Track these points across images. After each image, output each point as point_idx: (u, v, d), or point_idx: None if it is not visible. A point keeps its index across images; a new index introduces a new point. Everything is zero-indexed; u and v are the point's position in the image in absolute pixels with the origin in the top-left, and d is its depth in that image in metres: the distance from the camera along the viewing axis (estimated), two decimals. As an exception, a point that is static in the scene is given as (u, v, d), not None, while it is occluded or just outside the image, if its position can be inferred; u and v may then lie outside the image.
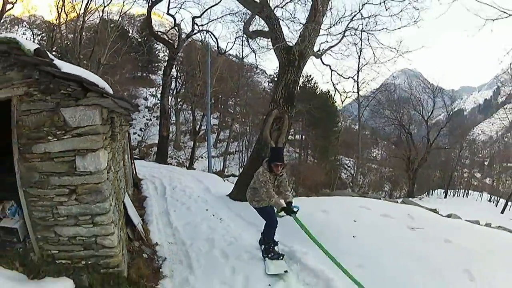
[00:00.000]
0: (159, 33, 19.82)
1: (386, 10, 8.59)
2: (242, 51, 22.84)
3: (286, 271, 4.42)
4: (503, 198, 27.06)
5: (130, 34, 34.02)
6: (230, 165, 29.85)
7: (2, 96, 3.64)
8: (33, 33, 30.70)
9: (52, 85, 3.39)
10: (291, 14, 10.26)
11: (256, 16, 9.16)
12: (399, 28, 9.47)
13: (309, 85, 35.92)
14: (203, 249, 4.94)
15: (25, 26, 33.28)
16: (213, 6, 17.31)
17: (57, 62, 3.54)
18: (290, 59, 7.40)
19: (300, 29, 8.00)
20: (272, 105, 7.65)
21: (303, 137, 37.59)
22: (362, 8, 8.97)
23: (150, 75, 42.75)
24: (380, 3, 8.68)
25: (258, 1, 8.13)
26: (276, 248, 4.94)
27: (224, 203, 7.78)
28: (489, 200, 30.98)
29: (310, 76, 35.85)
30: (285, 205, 4.57)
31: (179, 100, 29.31)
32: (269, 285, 3.99)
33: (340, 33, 8.59)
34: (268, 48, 9.65)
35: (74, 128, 3.33)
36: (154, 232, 5.75)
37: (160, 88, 36.18)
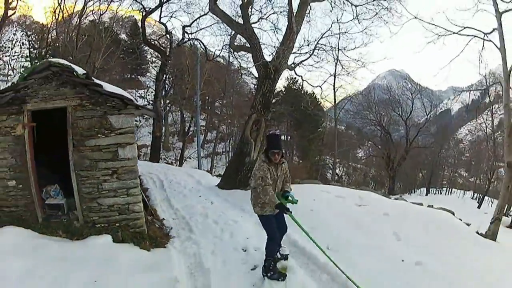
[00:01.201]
0: (151, 40, 21.47)
1: (359, 22, 10.76)
2: (229, 57, 24.56)
3: None
4: (489, 196, 28.49)
5: (120, 37, 35.36)
6: (217, 165, 31.53)
7: (58, 105, 5.40)
8: (26, 34, 31.43)
9: (100, 100, 5.17)
10: (273, 24, 12.21)
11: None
12: (365, 45, 11.55)
13: (294, 87, 37.86)
14: (199, 220, 6.73)
15: (15, 27, 33.94)
16: (201, 16, 19.01)
17: (102, 83, 5.31)
18: (267, 72, 9.31)
19: (276, 47, 9.93)
20: (252, 110, 9.57)
21: (288, 137, 39.45)
22: (331, 27, 11.01)
23: (138, 77, 43.93)
24: (348, 21, 10.82)
25: (242, 23, 10.02)
26: (285, 263, 4.87)
27: (213, 191, 9.61)
28: (473, 198, 32.70)
29: (295, 78, 37.89)
30: (278, 202, 4.49)
31: (167, 102, 30.90)
32: (247, 238, 5.71)
33: (310, 50, 10.50)
34: (250, 61, 11.52)
35: (118, 129, 5.14)
36: (160, 212, 7.48)
37: (148, 90, 37.73)
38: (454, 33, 10.16)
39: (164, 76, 21.50)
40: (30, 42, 30.37)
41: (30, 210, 5.59)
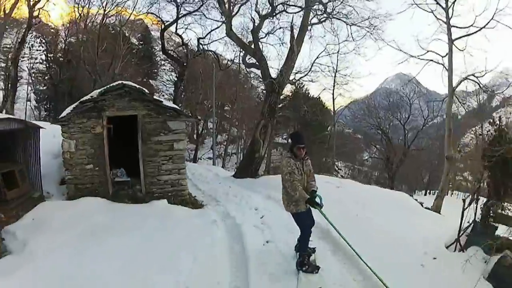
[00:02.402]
0: (169, 51, 24.47)
1: (353, 39, 13.68)
2: (240, 66, 27.37)
3: None
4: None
5: (132, 42, 38.31)
6: (227, 166, 34.40)
7: (130, 114, 8.31)
8: (43, 38, 33.57)
9: (161, 110, 8.09)
10: (279, 38, 15.23)
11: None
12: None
13: (301, 91, 40.61)
14: (222, 196, 9.61)
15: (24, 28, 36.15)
16: (215, 29, 21.85)
17: (161, 99, 8.23)
18: (272, 88, 12.24)
19: (280, 67, 12.86)
20: (261, 117, 12.49)
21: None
22: (325, 49, 13.90)
23: (150, 80, 47.01)
24: (343, 41, 13.83)
25: (253, 47, 12.96)
26: (313, 256, 5.22)
27: (229, 180, 12.54)
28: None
29: (301, 83, 40.62)
30: (308, 197, 4.75)
31: (180, 106, 33.85)
32: (256, 209, 8.46)
33: (308, 68, 13.44)
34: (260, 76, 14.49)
35: (173, 130, 8.08)
36: (192, 193, 10.35)
37: (160, 93, 40.77)
38: (415, 56, 13.15)
39: (182, 84, 24.38)
40: (45, 45, 32.67)
41: (103, 186, 8.46)
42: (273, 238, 5.95)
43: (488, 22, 11.40)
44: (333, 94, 27.37)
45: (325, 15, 14.20)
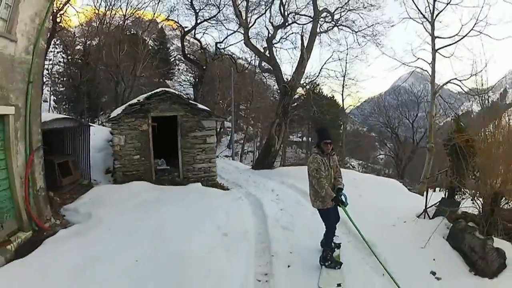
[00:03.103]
0: (189, 55, 26.77)
1: (359, 44, 15.81)
2: (255, 68, 29.54)
3: (339, 285, 4.70)
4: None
5: (147, 42, 40.16)
6: (244, 163, 36.58)
7: (171, 114, 10.61)
8: (62, 41, 34.91)
9: (196, 112, 10.36)
10: (292, 43, 17.41)
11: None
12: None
13: (314, 91, 42.48)
14: (244, 182, 11.87)
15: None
16: (231, 34, 23.53)
17: (195, 103, 10.51)
18: (285, 91, 14.38)
19: (292, 71, 15.02)
20: (275, 117, 14.65)
21: (310, 139, 44.16)
22: (331, 56, 16.02)
23: (166, 80, 49.25)
24: (347, 49, 16.03)
25: (268, 55, 15.14)
26: (337, 251, 5.52)
27: (249, 171, 14.80)
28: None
29: (316, 83, 42.51)
30: (334, 195, 4.94)
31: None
32: (272, 190, 10.62)
33: (316, 74, 15.57)
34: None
35: (206, 127, 10.41)
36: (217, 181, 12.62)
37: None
38: (406, 64, 15.33)
39: (201, 86, 26.61)
40: (63, 47, 33.61)
41: (147, 172, 10.76)
42: (285, 207, 8.13)
43: (467, 33, 13.57)
44: (342, 95, 29.20)
45: (332, 22, 16.31)
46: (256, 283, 4.82)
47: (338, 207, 5.12)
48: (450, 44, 13.87)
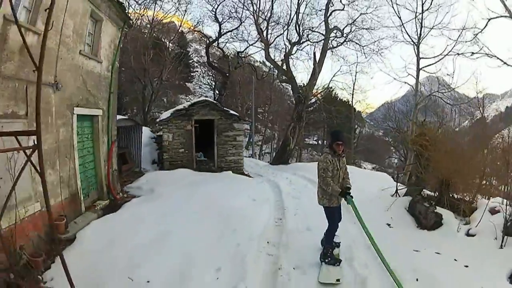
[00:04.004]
0: (213, 62, 30.23)
1: (365, 57, 19.19)
2: (273, 74, 32.83)
3: (338, 280, 5.06)
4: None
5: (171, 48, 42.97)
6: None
7: (209, 118, 14.20)
8: None
9: (228, 116, 13.96)
10: (307, 53, 20.83)
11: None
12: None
13: (331, 95, 45.21)
14: (264, 173, 15.41)
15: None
16: (252, 44, 25.88)
17: (226, 109, 14.08)
18: (299, 99, 17.80)
19: (306, 82, 18.47)
20: (291, 121, 18.12)
21: (325, 142, 47.08)
22: (339, 69, 19.44)
23: (186, 83, 51.99)
24: (354, 63, 19.46)
25: (285, 69, 18.62)
26: (337, 250, 5.92)
27: (268, 166, 18.36)
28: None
29: (331, 87, 45.46)
30: (340, 190, 5.38)
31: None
32: (286, 178, 14.00)
33: (326, 84, 18.98)
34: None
35: (236, 129, 14.04)
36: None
37: (195, 95, 46.20)
38: (396, 79, 18.73)
39: (224, 91, 29.90)
40: None
41: (189, 162, 14.38)
42: (295, 187, 11.57)
43: (446, 54, 16.83)
44: (352, 103, 32.39)
45: (342, 38, 19.61)
46: (274, 223, 8.21)
47: (345, 203, 5.65)
48: (430, 64, 17.30)
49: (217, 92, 38.78)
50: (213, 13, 23.63)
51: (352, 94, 31.11)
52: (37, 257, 5.45)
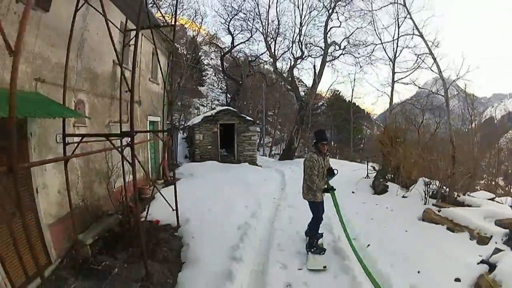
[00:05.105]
0: (227, 70, 34.64)
1: (360, 67, 23.68)
2: (281, 83, 37.23)
3: (325, 267, 5.64)
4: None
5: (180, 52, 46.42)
6: (271, 162, 44.42)
7: (231, 122, 19.00)
8: None
9: (245, 121, 18.75)
10: (311, 63, 25.50)
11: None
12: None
13: (339, 97, 48.47)
14: (273, 165, 19.99)
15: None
16: (262, 54, 30.35)
17: (246, 116, 18.88)
18: (302, 105, 22.48)
19: (307, 90, 23.16)
20: (295, 123, 22.84)
21: (332, 142, 51.03)
22: (335, 80, 24.11)
23: (198, 87, 53.48)
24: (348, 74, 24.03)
25: (290, 79, 23.37)
26: (320, 240, 6.45)
27: (276, 161, 23.11)
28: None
29: (338, 91, 49.06)
30: (324, 187, 6.02)
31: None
32: (290, 168, 18.62)
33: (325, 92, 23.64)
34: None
35: (252, 130, 18.79)
36: (255, 165, 20.82)
37: (207, 99, 50.03)
38: (378, 90, 23.32)
39: (238, 96, 34.25)
40: None
41: (216, 156, 19.06)
42: (295, 174, 15.93)
43: (414, 69, 21.20)
44: (351, 107, 36.97)
45: (339, 51, 24.11)
46: (278, 189, 12.82)
47: (328, 194, 6.29)
48: (402, 78, 21.46)
49: (229, 96, 42.72)
50: (226, 25, 27.68)
51: (351, 100, 35.38)
52: (133, 204, 9.61)
